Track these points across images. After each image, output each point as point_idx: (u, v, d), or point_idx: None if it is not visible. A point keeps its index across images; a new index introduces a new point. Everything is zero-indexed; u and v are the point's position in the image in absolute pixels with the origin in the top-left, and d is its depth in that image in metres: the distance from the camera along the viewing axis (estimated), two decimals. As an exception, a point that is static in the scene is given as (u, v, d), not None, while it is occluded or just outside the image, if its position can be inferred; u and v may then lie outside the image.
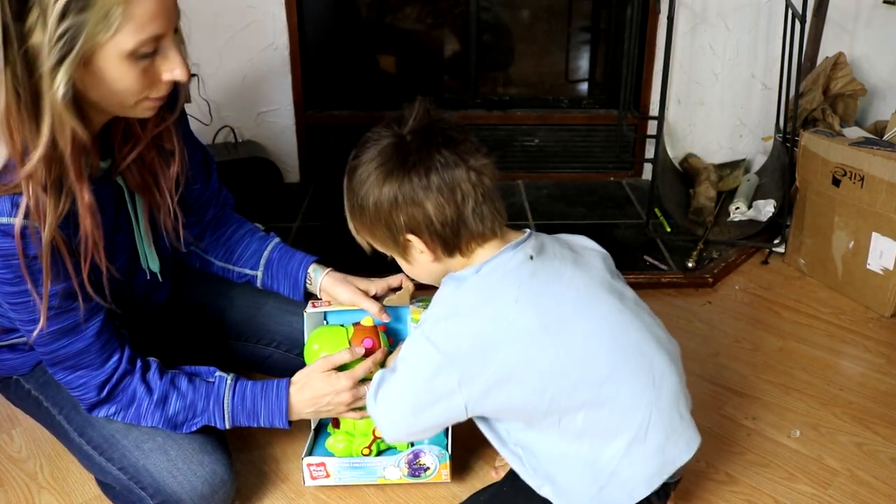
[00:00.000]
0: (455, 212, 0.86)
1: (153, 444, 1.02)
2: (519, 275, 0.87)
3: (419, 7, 2.34)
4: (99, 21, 0.80)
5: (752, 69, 2.22)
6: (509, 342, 0.84)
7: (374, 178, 0.87)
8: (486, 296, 0.87)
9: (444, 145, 0.86)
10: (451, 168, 0.85)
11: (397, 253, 0.93)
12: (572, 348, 0.86)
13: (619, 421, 0.87)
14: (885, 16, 2.13)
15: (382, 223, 0.89)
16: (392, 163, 0.86)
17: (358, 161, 0.90)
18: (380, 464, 1.13)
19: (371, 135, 0.91)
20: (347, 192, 0.93)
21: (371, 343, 1.11)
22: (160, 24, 0.85)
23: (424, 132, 0.87)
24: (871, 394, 1.38)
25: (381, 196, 0.87)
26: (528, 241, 0.90)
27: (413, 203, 0.86)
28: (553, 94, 2.39)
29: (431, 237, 0.88)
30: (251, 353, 1.33)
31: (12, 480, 1.18)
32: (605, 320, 0.89)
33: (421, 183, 0.85)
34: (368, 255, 0.99)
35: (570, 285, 0.89)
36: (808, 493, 1.15)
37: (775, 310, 1.66)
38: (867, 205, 1.61)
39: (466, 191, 0.85)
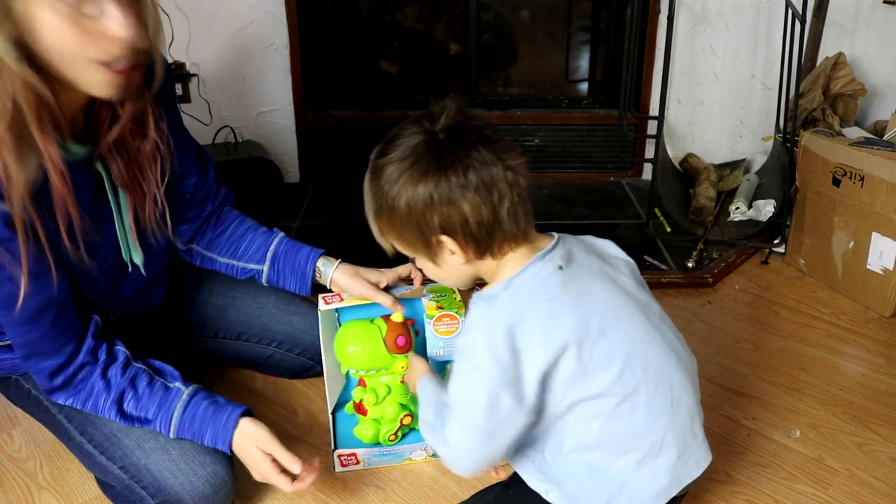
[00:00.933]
0: (491, 212, 0.84)
1: (155, 444, 1.02)
2: (549, 287, 0.85)
3: (419, 7, 2.34)
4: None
5: (753, 69, 2.22)
6: (543, 355, 0.83)
7: (407, 177, 0.84)
8: (518, 313, 0.84)
9: (481, 143, 0.83)
10: (488, 167, 0.83)
11: (426, 255, 0.90)
12: (597, 363, 0.85)
13: (633, 437, 0.87)
14: (885, 16, 2.13)
15: (413, 224, 0.86)
16: (426, 161, 0.83)
17: (386, 159, 0.86)
18: (407, 448, 1.18)
19: (399, 132, 0.87)
20: (373, 191, 0.89)
21: (403, 341, 1.13)
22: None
23: (459, 130, 0.84)
24: (872, 394, 1.38)
25: (414, 196, 0.84)
26: (555, 249, 0.89)
27: (449, 203, 0.83)
28: (553, 94, 2.39)
29: (465, 238, 0.85)
30: (252, 353, 1.34)
31: (12, 480, 1.18)
32: (630, 338, 0.87)
33: (458, 182, 0.82)
34: (390, 258, 0.97)
35: (598, 299, 0.87)
36: (809, 493, 1.15)
37: (775, 310, 1.66)
38: (867, 205, 1.61)
39: (503, 190, 0.83)
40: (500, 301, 0.85)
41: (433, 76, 2.44)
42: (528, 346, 0.83)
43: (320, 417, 1.30)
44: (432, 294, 1.16)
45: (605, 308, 0.87)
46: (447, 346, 1.14)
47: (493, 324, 0.84)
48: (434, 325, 1.12)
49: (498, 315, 0.84)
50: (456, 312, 1.13)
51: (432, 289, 1.18)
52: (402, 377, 1.16)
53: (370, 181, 0.89)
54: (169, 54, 2.05)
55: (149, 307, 1.19)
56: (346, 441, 1.20)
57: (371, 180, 0.89)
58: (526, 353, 0.83)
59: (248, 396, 1.36)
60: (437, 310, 1.13)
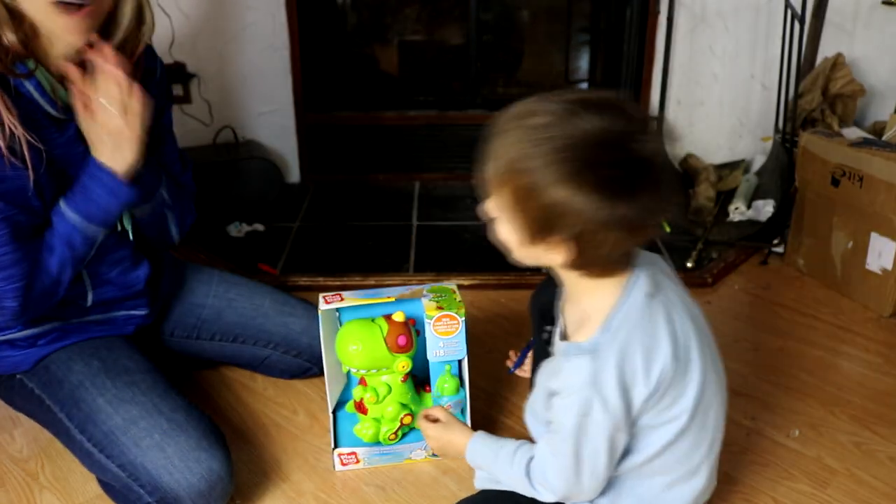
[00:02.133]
0: (623, 249, 0.80)
1: (150, 442, 1.02)
2: (644, 322, 0.83)
3: (419, 7, 2.34)
4: None
5: (752, 69, 2.22)
6: (646, 391, 0.83)
7: (577, 180, 0.74)
8: (623, 359, 0.81)
9: (660, 186, 0.77)
10: (652, 213, 0.78)
11: (522, 234, 0.80)
12: (677, 392, 0.86)
13: (672, 463, 0.90)
14: (884, 16, 2.14)
15: (546, 216, 0.76)
16: (605, 173, 0.74)
17: (573, 133, 0.74)
18: (407, 448, 1.19)
19: (589, 101, 0.76)
20: (517, 152, 0.76)
21: (405, 341, 1.13)
22: None
23: (652, 159, 0.76)
24: (870, 393, 1.38)
25: (571, 200, 0.74)
26: (641, 273, 0.85)
27: (602, 226, 0.75)
28: (553, 95, 2.40)
29: (585, 257, 0.79)
30: (249, 355, 1.34)
31: (13, 480, 1.18)
32: (697, 378, 0.87)
33: (622, 213, 0.75)
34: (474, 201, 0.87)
35: (680, 328, 0.86)
36: (808, 492, 1.16)
37: (774, 310, 1.67)
38: (866, 205, 1.61)
39: (643, 236, 0.80)
40: (604, 351, 0.81)
41: (433, 76, 2.44)
42: (634, 385, 0.82)
43: (321, 416, 1.30)
44: (432, 294, 1.17)
45: (685, 337, 0.86)
46: (447, 347, 1.14)
47: (604, 378, 0.81)
48: (434, 325, 1.13)
49: (606, 368, 0.81)
50: (456, 312, 1.13)
51: (432, 289, 1.18)
52: (402, 377, 1.17)
53: (532, 136, 0.75)
54: (169, 54, 2.06)
55: (132, 289, 1.18)
56: (346, 440, 1.20)
57: (533, 136, 0.75)
58: (634, 391, 0.83)
59: (247, 396, 1.36)
60: (437, 310, 1.13)
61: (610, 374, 0.81)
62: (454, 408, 1.17)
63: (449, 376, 1.16)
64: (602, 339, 0.82)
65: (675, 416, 0.86)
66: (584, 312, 0.87)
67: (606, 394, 0.81)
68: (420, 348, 1.17)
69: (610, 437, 0.84)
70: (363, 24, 2.37)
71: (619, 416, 0.82)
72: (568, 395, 0.84)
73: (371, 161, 2.31)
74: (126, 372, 1.10)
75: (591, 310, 0.85)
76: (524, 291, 1.71)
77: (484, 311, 1.63)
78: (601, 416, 0.82)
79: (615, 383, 0.81)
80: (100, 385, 1.07)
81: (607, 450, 0.85)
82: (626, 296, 0.83)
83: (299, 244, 1.94)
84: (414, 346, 1.16)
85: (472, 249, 1.91)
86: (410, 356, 1.15)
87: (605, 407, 0.82)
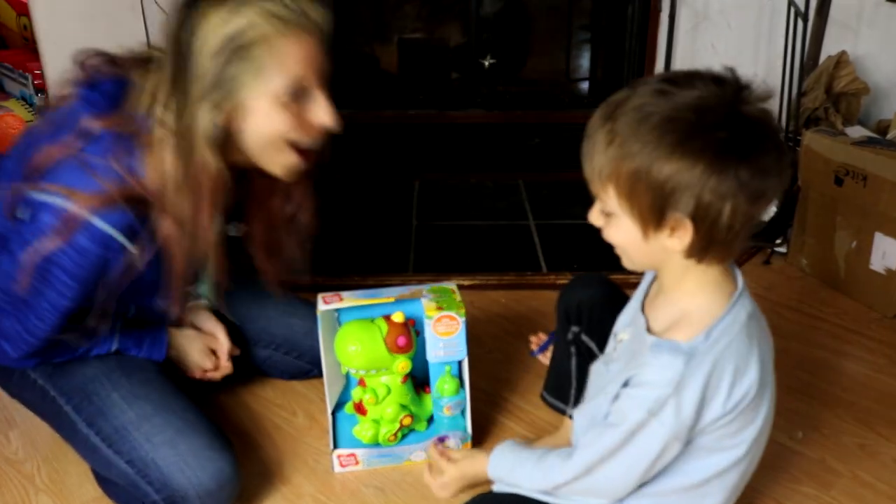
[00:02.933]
0: (742, 222, 0.75)
1: (163, 438, 1.02)
2: (741, 341, 0.82)
3: (419, 5, 2.33)
4: (246, 64, 0.89)
5: (755, 68, 2.21)
6: (722, 409, 0.82)
7: (690, 147, 0.72)
8: (714, 372, 0.80)
9: (777, 148, 0.75)
10: (771, 177, 0.74)
11: (641, 222, 0.78)
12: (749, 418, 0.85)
13: (714, 492, 0.89)
14: (888, 14, 2.13)
15: (663, 193, 0.74)
16: (720, 139, 0.72)
17: (671, 107, 0.73)
18: (407, 449, 1.18)
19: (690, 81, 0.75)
20: (628, 132, 0.74)
21: (404, 341, 1.12)
22: (306, 68, 0.95)
23: (764, 120, 0.75)
24: (874, 395, 1.37)
25: (689, 170, 0.72)
26: (744, 291, 0.84)
27: (721, 195, 0.72)
28: (554, 93, 2.39)
29: (704, 234, 0.76)
30: (249, 355, 1.33)
31: (9, 482, 1.17)
32: (765, 410, 0.87)
33: (744, 178, 0.72)
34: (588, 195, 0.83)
35: (765, 354, 0.86)
36: (812, 494, 1.15)
37: (777, 310, 1.65)
38: (870, 204, 1.60)
39: (763, 206, 0.76)
40: (700, 358, 0.79)
41: (433, 75, 2.43)
42: (713, 400, 0.81)
43: (320, 417, 1.29)
44: (432, 294, 1.16)
45: (767, 369, 0.85)
46: (447, 347, 1.13)
47: (689, 384, 0.79)
48: (434, 325, 1.12)
49: (696, 375, 0.79)
50: (456, 313, 1.12)
51: (432, 289, 1.17)
52: (402, 378, 1.16)
53: (630, 120, 0.75)
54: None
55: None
56: (345, 441, 1.19)
57: (632, 119, 0.74)
58: (709, 406, 0.81)
59: (246, 397, 1.36)
60: (437, 310, 1.12)
61: (697, 383, 0.79)
62: (454, 409, 1.16)
63: (449, 377, 1.15)
64: (702, 344, 0.79)
65: (736, 444, 0.85)
66: (683, 312, 0.83)
67: (684, 401, 0.79)
68: (420, 349, 1.16)
69: (665, 444, 0.82)
70: (363, 22, 2.36)
71: (685, 426, 0.80)
72: (647, 388, 0.81)
73: (371, 160, 2.30)
74: (140, 369, 1.10)
75: (695, 311, 0.82)
76: (524, 291, 1.71)
77: (484, 311, 1.62)
78: (669, 420, 0.80)
79: (698, 393, 0.79)
80: (115, 380, 1.08)
81: (656, 455, 0.83)
82: (731, 308, 0.82)
83: (299, 244, 1.93)
84: (414, 347, 1.15)
85: (472, 249, 1.90)
86: (410, 357, 1.14)
87: (677, 412, 0.79)
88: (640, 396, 0.81)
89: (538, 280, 1.73)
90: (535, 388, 1.23)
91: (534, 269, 1.78)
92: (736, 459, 0.86)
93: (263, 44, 0.90)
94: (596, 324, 1.08)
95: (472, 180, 2.33)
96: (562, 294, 1.15)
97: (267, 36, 0.90)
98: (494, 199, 2.20)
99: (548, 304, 1.20)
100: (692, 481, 0.87)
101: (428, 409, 1.21)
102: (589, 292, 1.10)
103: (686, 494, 0.89)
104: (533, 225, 2.03)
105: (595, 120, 0.79)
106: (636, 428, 0.81)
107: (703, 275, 0.82)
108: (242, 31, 0.89)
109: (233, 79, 0.90)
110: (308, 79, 0.95)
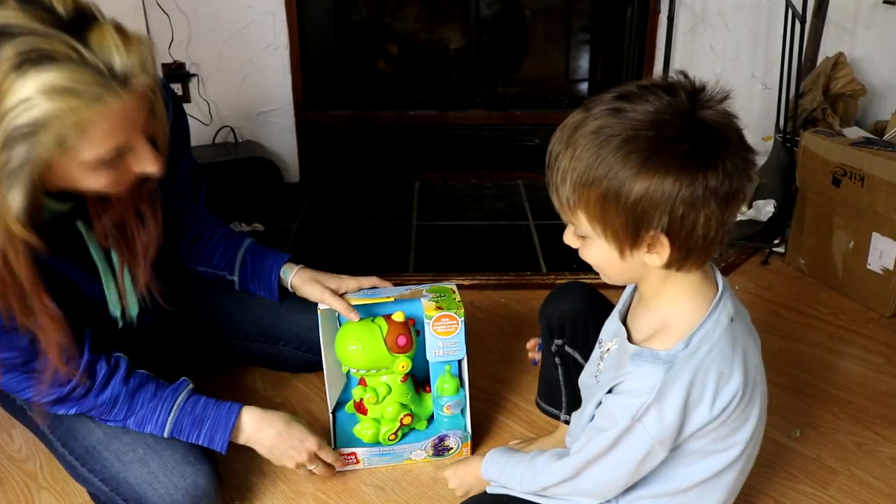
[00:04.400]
0: (717, 228, 0.74)
1: (134, 456, 1.02)
2: (724, 346, 0.81)
3: (419, 6, 2.34)
4: (51, 146, 0.77)
5: (753, 69, 2.22)
6: (708, 416, 0.82)
7: (654, 164, 0.71)
8: (696, 379, 0.79)
9: (740, 148, 0.74)
10: (740, 178, 0.73)
11: (616, 243, 0.77)
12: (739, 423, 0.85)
13: (709, 493, 0.89)
14: (884, 16, 2.13)
15: (634, 213, 0.73)
16: (681, 150, 0.71)
17: (622, 126, 0.72)
18: (407, 448, 1.18)
19: (640, 96, 0.74)
20: (591, 157, 0.73)
21: (404, 341, 1.13)
22: (122, 136, 0.82)
23: (724, 123, 0.74)
24: (871, 394, 1.38)
25: (657, 187, 0.71)
26: (725, 295, 0.83)
27: (692, 206, 0.72)
28: (553, 94, 2.39)
29: (680, 245, 0.75)
30: (259, 352, 1.34)
31: (12, 480, 1.18)
32: (757, 411, 0.87)
33: (712, 186, 0.71)
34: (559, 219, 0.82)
35: (751, 359, 0.85)
36: (809, 492, 1.15)
37: (775, 310, 1.66)
38: (867, 205, 1.61)
39: (735, 208, 0.75)
40: (680, 366, 0.79)
41: (433, 76, 2.43)
42: (697, 405, 0.80)
43: (320, 417, 1.30)
44: (432, 294, 1.16)
45: (755, 369, 0.85)
46: (447, 347, 1.13)
47: (670, 392, 0.79)
48: (433, 325, 1.12)
49: (676, 383, 0.79)
50: (455, 313, 1.13)
51: (432, 289, 1.18)
52: (402, 377, 1.16)
53: (591, 145, 0.73)
54: (169, 54, 2.06)
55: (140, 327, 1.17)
56: (345, 440, 1.20)
57: (592, 144, 0.73)
58: (693, 413, 0.80)
59: (248, 396, 1.36)
60: (437, 310, 1.13)
61: (677, 393, 0.78)
62: (454, 408, 1.17)
63: (449, 376, 1.16)
64: (681, 353, 0.79)
65: (730, 447, 0.85)
66: (663, 320, 0.83)
67: (666, 408, 0.79)
68: (420, 348, 1.16)
69: (649, 450, 0.82)
70: (363, 24, 2.36)
71: (668, 433, 0.80)
72: (629, 396, 0.81)
73: (371, 161, 2.31)
74: None
75: (674, 319, 0.82)
76: (524, 291, 1.71)
77: (484, 311, 1.63)
78: (652, 426, 0.80)
79: (680, 401, 0.79)
80: None
81: (640, 460, 0.83)
82: (711, 314, 0.81)
83: (299, 244, 1.94)
84: (414, 347, 1.15)
85: (472, 249, 1.91)
86: (410, 356, 1.15)
87: (659, 419, 0.79)
88: (623, 405, 0.81)
89: (538, 280, 1.74)
90: (534, 387, 1.24)
91: (533, 269, 1.79)
92: (730, 461, 0.87)
93: (65, 126, 0.76)
94: (579, 335, 1.08)
95: (472, 180, 2.34)
96: (542, 307, 1.14)
97: (67, 120, 0.76)
98: (494, 199, 2.21)
99: (547, 304, 1.21)
100: (688, 484, 0.88)
101: (428, 409, 1.22)
102: (568, 304, 1.10)
103: (682, 496, 0.89)
104: (533, 225, 2.03)
105: (555, 146, 0.78)
106: (621, 434, 0.82)
107: (683, 281, 0.82)
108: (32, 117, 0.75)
109: (37, 160, 0.78)
110: (124, 142, 0.83)
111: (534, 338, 1.22)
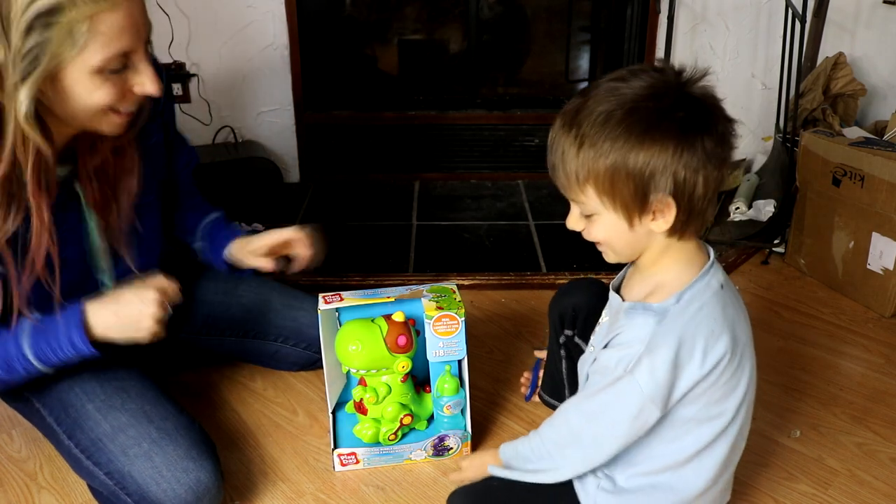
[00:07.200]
0: (714, 189, 0.81)
1: (139, 450, 1.02)
2: (714, 306, 0.84)
3: (419, 7, 2.34)
4: (64, 38, 0.82)
5: (753, 69, 2.22)
6: (699, 372, 0.83)
7: (657, 132, 0.77)
8: (687, 331, 0.82)
9: (725, 118, 0.81)
10: (729, 144, 0.80)
11: (626, 213, 0.82)
12: (730, 387, 0.87)
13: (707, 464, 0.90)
14: (885, 16, 2.14)
15: (641, 180, 0.79)
16: (680, 118, 0.78)
17: (629, 99, 0.78)
18: (407, 448, 1.18)
19: (633, 75, 0.81)
20: (597, 132, 0.79)
21: (404, 341, 1.13)
22: (128, 40, 0.86)
23: (710, 96, 0.81)
24: (872, 394, 1.38)
25: (660, 152, 0.77)
26: (715, 264, 0.87)
27: (693, 168, 0.78)
28: (553, 94, 2.39)
29: (684, 208, 0.80)
30: (258, 349, 1.35)
31: (12, 480, 1.18)
32: (746, 380, 0.88)
33: (709, 149, 0.78)
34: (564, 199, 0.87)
35: (740, 327, 0.87)
36: (809, 493, 1.15)
37: (775, 310, 1.66)
38: (867, 205, 1.61)
39: (726, 172, 0.82)
40: (672, 317, 0.82)
41: (433, 76, 2.44)
42: (688, 363, 0.82)
43: (320, 417, 1.30)
44: (432, 294, 1.16)
45: (745, 337, 0.88)
46: (447, 347, 1.14)
47: (661, 342, 0.82)
48: (433, 325, 1.12)
49: (667, 333, 0.82)
50: (455, 313, 1.13)
51: (432, 289, 1.18)
52: (402, 377, 1.16)
53: (595, 121, 0.79)
54: (169, 54, 2.06)
55: None
56: (345, 440, 1.20)
57: (597, 121, 0.79)
58: (685, 369, 0.82)
59: (248, 396, 1.36)
60: (437, 310, 1.13)
61: (668, 346, 0.81)
62: (454, 408, 1.17)
63: (449, 376, 1.16)
64: (673, 306, 0.83)
65: (721, 413, 0.87)
66: (657, 283, 0.86)
67: (657, 360, 0.81)
68: (420, 348, 1.16)
69: (641, 406, 0.83)
70: (363, 24, 2.36)
71: (660, 389, 0.82)
72: (622, 348, 0.84)
73: (371, 161, 2.31)
74: (116, 377, 1.09)
75: (668, 280, 0.86)
76: (524, 291, 1.71)
77: (484, 311, 1.63)
78: (644, 379, 0.82)
79: (671, 354, 0.81)
80: (89, 390, 1.07)
81: (633, 415, 0.84)
82: (703, 277, 0.85)
83: (299, 244, 1.94)
84: (414, 347, 1.16)
85: (472, 249, 1.91)
86: (410, 356, 1.15)
87: (651, 372, 0.82)
88: (617, 356, 0.84)
89: (538, 280, 1.74)
90: (535, 387, 1.24)
91: (533, 269, 1.79)
92: (722, 429, 0.88)
93: (78, 17, 0.82)
94: (591, 327, 1.08)
95: (472, 180, 2.34)
96: (555, 298, 1.16)
97: (82, 9, 0.82)
98: (494, 199, 2.21)
99: (547, 305, 1.21)
100: (684, 456, 0.88)
101: (428, 409, 1.22)
102: (584, 297, 1.12)
103: (679, 471, 0.90)
104: (533, 225, 2.03)
105: (557, 130, 0.84)
106: (614, 382, 0.84)
107: (680, 250, 0.86)
108: (55, 4, 0.81)
109: (51, 55, 0.83)
110: (129, 49, 0.88)
111: (527, 371, 1.23)
